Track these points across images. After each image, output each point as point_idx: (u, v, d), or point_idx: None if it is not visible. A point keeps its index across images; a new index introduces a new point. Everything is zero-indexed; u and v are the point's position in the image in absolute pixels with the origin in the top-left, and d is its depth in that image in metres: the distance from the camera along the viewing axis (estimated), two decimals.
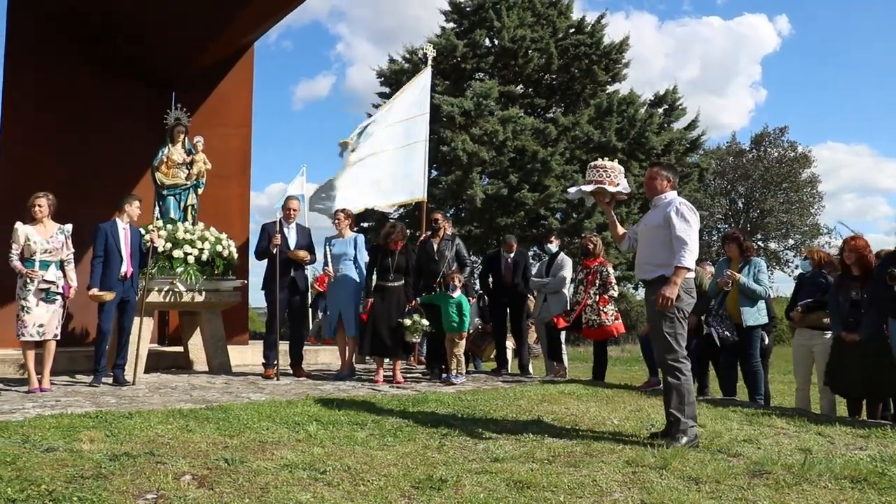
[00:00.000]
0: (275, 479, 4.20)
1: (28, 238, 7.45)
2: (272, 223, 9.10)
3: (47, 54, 11.00)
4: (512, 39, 27.37)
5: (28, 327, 7.39)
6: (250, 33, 11.86)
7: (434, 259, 9.25)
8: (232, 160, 11.73)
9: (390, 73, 29.06)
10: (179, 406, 6.52)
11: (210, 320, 9.57)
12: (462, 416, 6.30)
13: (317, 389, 7.96)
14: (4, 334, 10.21)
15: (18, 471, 4.21)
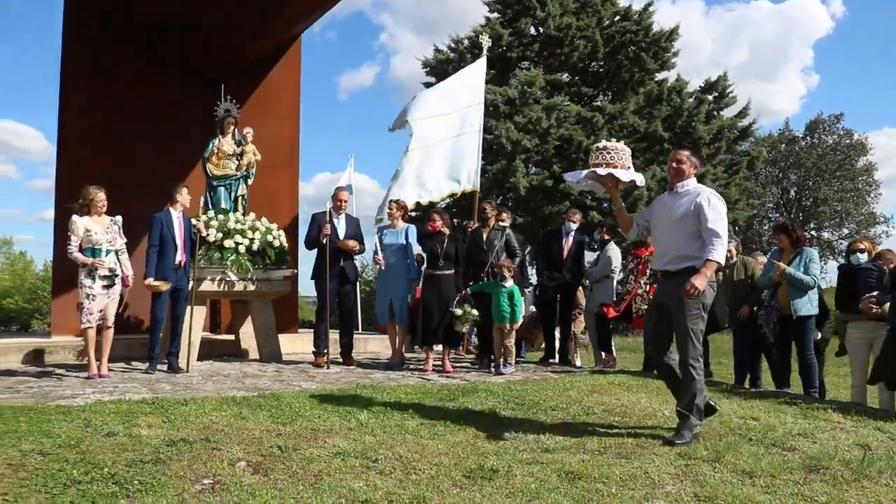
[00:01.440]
0: (327, 466, 4.25)
1: (88, 230, 7.62)
2: (322, 213, 9.17)
3: (102, 52, 11.22)
4: (557, 28, 27.16)
5: (91, 314, 7.57)
6: (297, 25, 11.95)
7: (483, 249, 9.24)
8: (281, 150, 11.86)
9: (436, 62, 29.04)
10: (232, 393, 6.63)
11: (261, 309, 9.70)
12: (512, 406, 6.30)
13: (367, 378, 8.03)
14: (64, 322, 10.51)
15: (82, 454, 4.33)
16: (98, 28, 11.26)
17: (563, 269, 9.79)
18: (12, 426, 5.02)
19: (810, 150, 43.21)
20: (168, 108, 11.59)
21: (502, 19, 28.57)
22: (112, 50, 11.30)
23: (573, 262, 9.86)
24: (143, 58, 11.64)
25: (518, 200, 25.70)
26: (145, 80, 11.52)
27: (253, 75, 12.15)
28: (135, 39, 11.58)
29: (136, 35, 11.59)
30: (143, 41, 11.66)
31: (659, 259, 5.52)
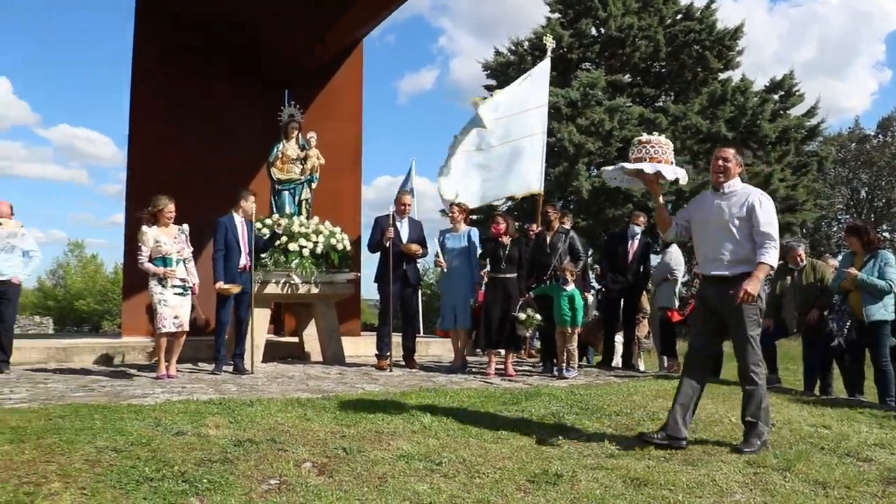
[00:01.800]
0: (392, 469, 4.28)
1: (157, 240, 7.79)
2: (385, 216, 9.24)
3: (171, 58, 11.51)
4: (618, 28, 26.93)
5: (167, 320, 7.74)
6: (359, 30, 12.05)
7: (546, 252, 9.20)
8: (344, 154, 11.97)
9: (496, 65, 29.03)
10: (297, 395, 6.71)
11: (324, 312, 9.80)
12: (576, 410, 6.25)
13: (429, 381, 8.05)
14: (134, 323, 10.78)
15: (153, 452, 4.43)
16: (168, 35, 11.55)
17: (628, 272, 9.68)
18: (88, 423, 5.17)
19: (883, 149, 41.90)
20: (234, 112, 11.80)
21: (563, 20, 28.44)
22: (181, 56, 11.57)
23: (638, 265, 9.76)
24: (210, 64, 11.89)
25: (580, 203, 25.53)
26: (212, 86, 11.77)
27: (316, 80, 12.31)
28: (203, 46, 11.85)
29: (204, 41, 11.86)
30: (210, 47, 11.92)
31: (707, 263, 5.24)
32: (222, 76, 11.95)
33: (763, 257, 4.94)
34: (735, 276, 5.02)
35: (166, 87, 11.39)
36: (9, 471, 4.05)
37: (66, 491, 3.74)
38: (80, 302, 43.93)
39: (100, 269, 49.39)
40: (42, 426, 5.09)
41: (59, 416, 5.44)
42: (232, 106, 11.83)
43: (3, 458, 4.27)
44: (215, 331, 8.70)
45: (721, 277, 5.10)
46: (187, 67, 11.59)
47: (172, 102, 11.36)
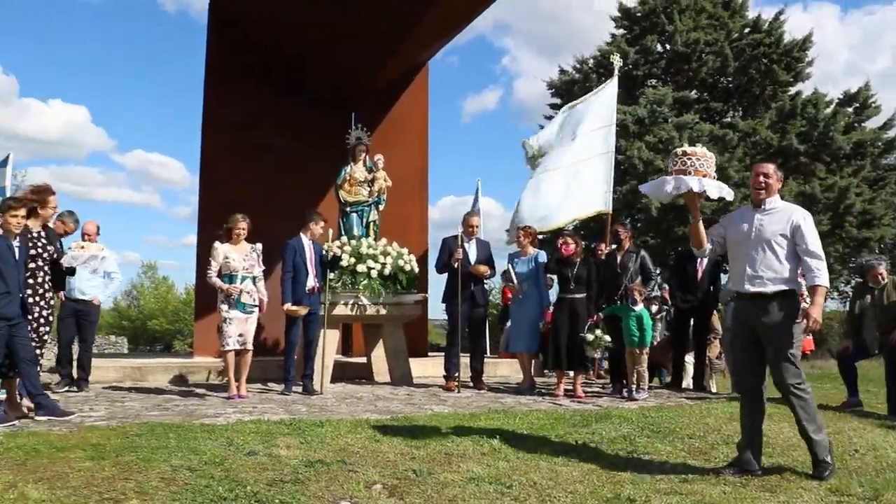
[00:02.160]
0: (462, 491, 4.25)
1: (227, 256, 7.95)
2: (453, 237, 9.25)
3: (243, 79, 11.77)
4: (685, 43, 26.61)
5: (230, 338, 7.88)
6: (424, 52, 12.17)
7: (617, 272, 9.09)
8: (410, 176, 12.04)
9: (561, 83, 28.95)
10: (366, 416, 6.74)
11: (392, 333, 9.83)
12: (647, 433, 6.14)
13: (498, 402, 8.00)
14: (205, 343, 10.98)
15: (226, 471, 4.50)
16: (238, 61, 11.81)
17: (698, 291, 9.50)
18: (163, 442, 5.28)
19: None
20: (303, 135, 12.00)
21: (628, 36, 28.24)
22: (251, 81, 11.83)
23: (708, 284, 9.56)
24: (279, 88, 12.11)
25: (649, 221, 25.22)
26: (281, 109, 11.97)
27: (382, 103, 12.44)
28: (272, 70, 12.08)
29: (273, 66, 12.09)
30: (279, 72, 12.14)
31: (745, 280, 5.02)
32: (291, 100, 12.15)
33: (818, 279, 4.85)
34: (775, 294, 4.92)
35: (237, 111, 11.63)
36: (90, 487, 4.16)
37: None
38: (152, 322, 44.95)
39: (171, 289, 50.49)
40: (120, 444, 5.22)
41: (135, 435, 5.57)
42: (300, 129, 12.03)
43: (84, 475, 4.40)
44: (284, 351, 8.80)
45: (760, 295, 4.95)
46: (257, 92, 11.83)
47: (243, 126, 11.59)
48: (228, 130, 11.56)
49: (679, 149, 5.13)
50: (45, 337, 6.88)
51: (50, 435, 5.57)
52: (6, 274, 6.16)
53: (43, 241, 6.84)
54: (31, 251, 6.66)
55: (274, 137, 11.80)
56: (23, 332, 6.34)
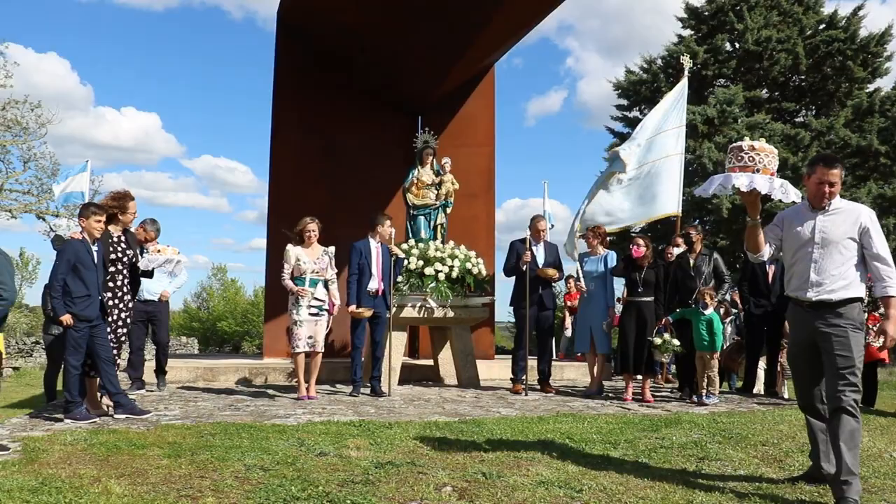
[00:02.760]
0: (532, 495, 4.23)
1: (298, 259, 8.07)
2: (521, 240, 9.24)
3: (311, 83, 11.91)
4: (756, 42, 26.01)
5: (301, 340, 8.00)
6: (491, 55, 12.15)
7: (690, 275, 8.96)
8: (477, 179, 12.04)
9: (628, 84, 28.60)
10: (434, 418, 6.77)
11: (459, 335, 9.86)
12: (719, 439, 6.03)
13: (565, 406, 7.96)
14: (274, 345, 11.15)
15: (298, 471, 4.57)
16: (306, 65, 11.97)
17: (771, 295, 9.30)
18: (237, 442, 5.39)
19: None
20: (372, 138, 12.09)
21: (697, 36, 27.76)
22: (318, 84, 11.96)
23: (780, 287, 9.35)
24: (346, 91, 12.24)
25: (720, 223, 24.75)
26: (349, 113, 12.08)
27: (449, 106, 12.47)
28: (339, 74, 12.20)
29: (340, 69, 12.22)
30: (346, 75, 12.27)
31: (805, 286, 4.58)
32: (359, 103, 12.27)
33: (890, 289, 4.45)
34: (840, 302, 4.49)
35: (305, 115, 11.80)
36: (168, 483, 4.27)
37: None
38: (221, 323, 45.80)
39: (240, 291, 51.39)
40: (195, 443, 5.35)
41: (209, 434, 5.70)
42: (369, 131, 12.12)
43: (162, 472, 4.52)
44: (351, 353, 8.89)
45: (823, 304, 4.52)
46: (325, 96, 11.96)
47: (311, 130, 11.75)
48: (297, 134, 11.73)
49: (742, 142, 4.62)
50: (123, 338, 7.07)
51: (129, 433, 5.75)
52: (86, 277, 6.37)
53: (123, 246, 7.03)
54: (112, 255, 6.85)
55: (342, 141, 11.93)
56: (102, 333, 6.55)
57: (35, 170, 27.89)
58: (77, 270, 6.34)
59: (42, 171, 27.56)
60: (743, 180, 4.43)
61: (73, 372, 6.41)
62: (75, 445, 5.25)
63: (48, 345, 9.31)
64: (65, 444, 5.27)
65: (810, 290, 4.55)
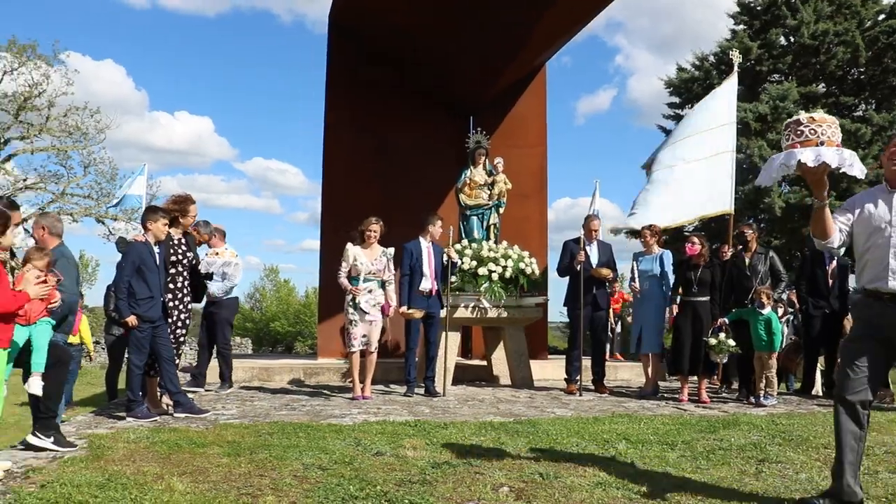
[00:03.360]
0: (590, 496, 4.20)
1: (356, 259, 8.12)
2: (574, 240, 9.19)
3: (363, 85, 12.00)
4: (812, 35, 25.45)
5: (356, 339, 8.06)
6: (542, 54, 12.10)
7: (746, 275, 8.82)
8: (529, 179, 12.01)
9: (679, 81, 28.23)
10: (489, 418, 6.76)
11: (513, 335, 9.83)
12: (778, 441, 5.92)
13: (620, 407, 7.90)
14: (328, 345, 11.25)
15: (356, 471, 4.61)
16: (357, 67, 12.06)
17: (830, 296, 9.12)
18: (294, 441, 5.45)
19: None
20: (424, 139, 12.12)
21: (749, 31, 27.28)
22: (371, 85, 12.04)
23: (839, 287, 9.16)
24: (400, 92, 12.30)
25: (773, 221, 24.31)
26: (400, 114, 12.13)
27: (501, 106, 12.45)
28: (392, 75, 12.28)
29: (393, 71, 12.29)
30: (400, 76, 12.35)
31: (885, 275, 4.05)
32: (411, 104, 12.31)
33: None
34: None
35: (357, 115, 11.87)
36: (228, 482, 4.34)
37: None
38: (274, 324, 46.35)
39: (292, 292, 51.95)
40: (254, 442, 5.43)
41: (267, 433, 5.78)
42: (421, 132, 12.15)
43: (223, 470, 4.59)
44: (405, 353, 8.93)
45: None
46: (377, 95, 12.03)
47: (363, 129, 11.82)
48: (350, 134, 11.81)
49: (799, 116, 4.11)
50: (182, 339, 7.19)
51: (189, 431, 5.85)
52: (149, 279, 6.50)
53: (183, 248, 7.15)
54: (172, 257, 6.98)
55: (394, 141, 11.97)
56: (164, 333, 6.67)
57: (95, 174, 28.66)
58: (141, 272, 6.46)
59: (101, 175, 28.30)
60: (808, 155, 3.91)
61: (135, 371, 6.55)
62: (138, 443, 5.36)
63: (110, 345, 9.53)
64: (128, 442, 5.38)
65: (892, 278, 4.02)
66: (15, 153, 28.11)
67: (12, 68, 26.67)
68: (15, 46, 26.49)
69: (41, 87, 27.08)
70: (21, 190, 27.20)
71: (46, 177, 28.33)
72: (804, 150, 3.93)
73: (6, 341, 4.57)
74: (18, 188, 27.23)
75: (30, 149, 27.89)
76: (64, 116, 27.69)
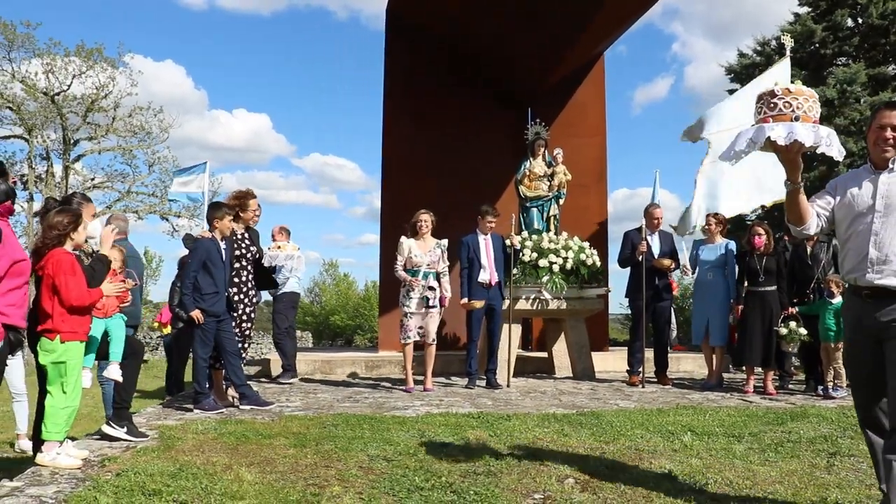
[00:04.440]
0: (656, 488, 4.17)
1: (410, 251, 8.16)
2: (635, 230, 9.10)
3: (420, 78, 12.02)
4: (881, 15, 24.65)
5: (410, 331, 8.11)
6: (601, 43, 11.98)
7: (808, 264, 8.63)
8: (589, 169, 11.90)
9: (740, 67, 27.64)
10: (552, 410, 6.74)
11: (574, 327, 9.78)
12: (850, 434, 5.78)
13: (684, 398, 7.80)
14: (389, 338, 11.32)
15: (420, 462, 4.64)
16: (415, 60, 12.09)
17: None
18: (358, 433, 5.51)
19: None
20: (481, 131, 12.08)
21: (814, 13, 26.58)
22: (428, 77, 12.06)
23: None
24: (456, 85, 12.27)
25: None
26: (459, 106, 12.10)
27: (559, 96, 12.36)
28: (448, 68, 12.27)
29: (449, 64, 12.29)
30: (457, 69, 12.33)
31: (864, 267, 3.60)
32: (468, 96, 12.28)
33: None
34: None
35: (415, 108, 11.88)
36: (296, 472, 4.41)
37: (346, 495, 3.99)
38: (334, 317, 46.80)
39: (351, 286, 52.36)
40: (319, 433, 5.50)
41: (332, 425, 5.85)
42: (479, 124, 12.12)
43: (289, 461, 4.67)
44: (467, 345, 8.94)
45: (887, 290, 3.55)
46: (435, 90, 12.03)
47: (421, 124, 11.83)
48: (408, 128, 11.83)
49: (773, 87, 3.69)
50: (248, 332, 7.31)
51: (255, 423, 5.95)
52: (215, 274, 6.63)
53: (247, 243, 7.27)
54: (236, 252, 7.10)
55: (452, 134, 11.95)
56: (228, 327, 6.80)
57: (159, 172, 29.31)
58: (207, 268, 6.60)
59: (165, 173, 28.89)
60: (780, 131, 3.51)
61: (201, 364, 6.69)
62: (206, 434, 5.47)
63: (174, 338, 9.73)
64: (197, 433, 5.50)
65: (870, 271, 3.57)
66: (83, 154, 28.96)
67: (81, 72, 27.39)
68: (83, 51, 27.22)
69: (107, 89, 27.80)
70: (89, 189, 27.97)
71: (113, 176, 29.14)
72: (776, 126, 3.55)
73: (84, 334, 4.73)
74: (87, 187, 28.01)
75: (97, 149, 28.71)
76: (129, 117, 28.39)
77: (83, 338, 4.71)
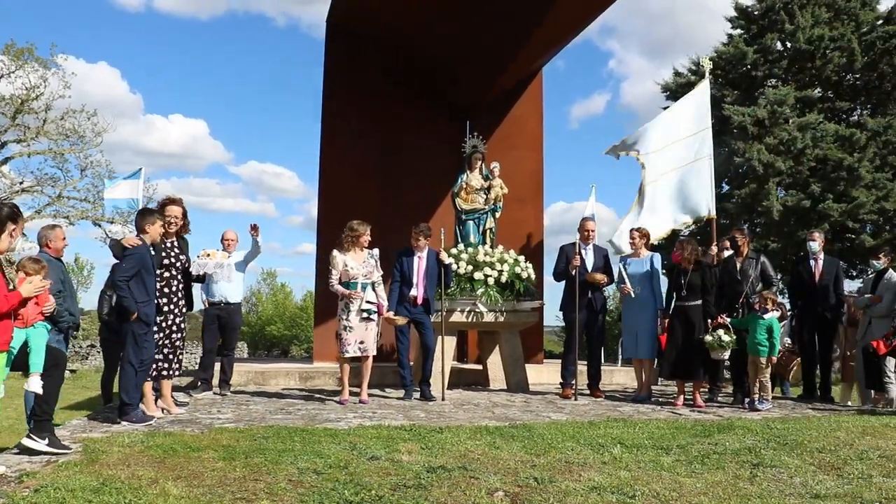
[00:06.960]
0: (584, 500, 4.21)
1: (346, 264, 8.11)
2: (570, 244, 9.20)
3: (361, 88, 12.02)
4: (808, 40, 25.48)
5: (350, 345, 8.04)
6: (541, 58, 12.13)
7: (737, 279, 8.84)
8: (526, 183, 12.00)
9: (676, 86, 28.25)
10: (485, 423, 6.76)
11: (508, 340, 9.83)
12: (773, 445, 5.93)
13: (616, 411, 7.90)
14: (324, 349, 11.24)
15: (351, 475, 4.60)
16: (354, 70, 12.05)
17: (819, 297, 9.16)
18: (289, 445, 5.45)
19: None
20: (418, 143, 12.13)
21: (746, 36, 27.34)
22: (369, 89, 12.05)
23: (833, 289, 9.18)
24: (398, 95, 12.30)
25: (769, 225, 24.35)
26: (397, 118, 12.14)
27: (498, 109, 12.46)
28: (389, 78, 12.29)
29: (392, 74, 12.32)
30: (399, 80, 12.36)
31: None
32: (408, 107, 12.31)
33: None
34: None
35: (354, 119, 11.88)
36: (223, 486, 4.34)
37: None
38: (271, 327, 46.36)
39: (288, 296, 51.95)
40: (249, 446, 5.42)
41: (262, 437, 5.77)
42: (420, 136, 12.17)
43: (217, 474, 4.59)
44: (397, 359, 8.92)
45: None
46: (374, 100, 12.04)
47: (360, 134, 11.84)
48: (347, 138, 11.82)
49: None
50: (178, 343, 7.16)
51: (184, 435, 5.84)
52: (148, 282, 6.46)
53: (176, 251, 7.14)
54: (165, 260, 6.96)
55: (392, 145, 11.99)
56: (151, 337, 6.62)
57: (91, 177, 28.58)
58: (140, 275, 6.41)
59: (98, 178, 28.17)
60: None
61: (131, 373, 6.47)
62: (133, 447, 5.35)
63: (105, 348, 9.50)
64: (123, 446, 5.37)
65: None
66: (11, 156, 28.05)
67: (9, 71, 26.59)
68: (12, 50, 26.43)
69: (38, 91, 27.00)
70: (17, 193, 27.13)
71: (43, 180, 28.26)
72: None
73: (4, 344, 4.57)
74: (15, 191, 27.18)
75: (27, 152, 27.82)
76: (61, 119, 27.63)
77: (4, 347, 4.56)
